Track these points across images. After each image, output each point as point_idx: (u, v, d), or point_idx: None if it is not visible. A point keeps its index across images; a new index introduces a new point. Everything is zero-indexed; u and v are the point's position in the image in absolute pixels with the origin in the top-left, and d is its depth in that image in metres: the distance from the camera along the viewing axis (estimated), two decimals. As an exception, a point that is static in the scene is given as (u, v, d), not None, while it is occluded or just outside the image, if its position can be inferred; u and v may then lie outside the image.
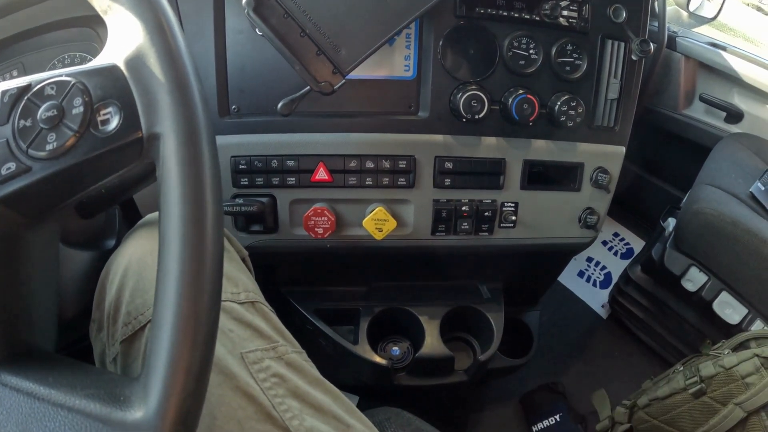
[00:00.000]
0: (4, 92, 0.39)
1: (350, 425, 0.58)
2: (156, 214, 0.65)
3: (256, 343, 0.56)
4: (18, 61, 0.84)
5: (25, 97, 0.38)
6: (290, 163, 0.79)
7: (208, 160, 0.36)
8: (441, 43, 0.80)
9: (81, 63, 0.85)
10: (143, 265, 0.57)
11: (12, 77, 0.84)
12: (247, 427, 0.52)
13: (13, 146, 0.38)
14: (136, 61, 0.38)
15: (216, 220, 0.36)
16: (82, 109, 0.38)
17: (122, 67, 0.39)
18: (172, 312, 0.34)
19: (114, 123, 0.38)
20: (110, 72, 0.39)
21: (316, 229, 0.80)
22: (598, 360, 1.39)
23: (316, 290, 0.93)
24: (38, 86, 0.39)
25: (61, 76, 0.39)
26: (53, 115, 0.38)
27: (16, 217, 0.39)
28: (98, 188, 0.42)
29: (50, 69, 0.84)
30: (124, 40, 0.39)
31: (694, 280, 1.18)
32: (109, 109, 0.38)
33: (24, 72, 0.84)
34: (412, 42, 0.81)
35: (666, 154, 1.51)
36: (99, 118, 0.38)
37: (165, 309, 0.34)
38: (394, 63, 0.82)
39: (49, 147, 0.37)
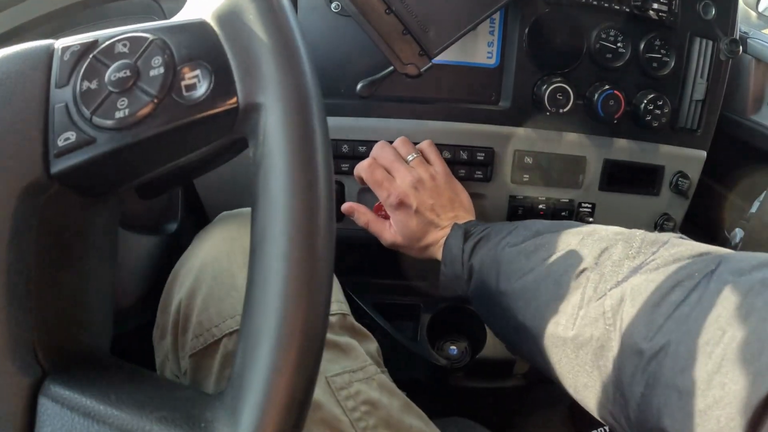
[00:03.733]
0: (65, 49, 0.32)
1: None
2: (232, 212, 0.61)
3: (342, 364, 0.51)
4: (73, 32, 0.82)
5: (90, 55, 0.32)
6: (362, 149, 0.76)
7: (322, 140, 0.30)
8: (527, 30, 0.75)
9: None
10: (218, 269, 0.51)
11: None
12: None
13: (74, 112, 0.31)
14: (230, 17, 0.32)
15: (329, 214, 0.30)
16: (162, 70, 0.31)
17: (212, 23, 0.33)
18: (276, 322, 0.28)
19: (202, 88, 0.31)
20: (197, 29, 0.33)
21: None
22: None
23: (376, 283, 0.90)
24: (107, 43, 0.32)
25: (136, 31, 0.32)
26: (125, 77, 0.31)
27: (73, 197, 0.33)
28: (173, 167, 0.36)
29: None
30: None
31: (760, 295, 1.12)
32: (197, 72, 0.32)
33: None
34: (497, 28, 0.77)
35: (731, 160, 1.45)
36: (183, 82, 0.32)
37: (264, 318, 0.28)
38: (477, 49, 0.77)
39: (119, 114, 0.31)
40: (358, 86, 0.69)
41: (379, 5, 0.64)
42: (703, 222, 1.60)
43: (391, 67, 0.67)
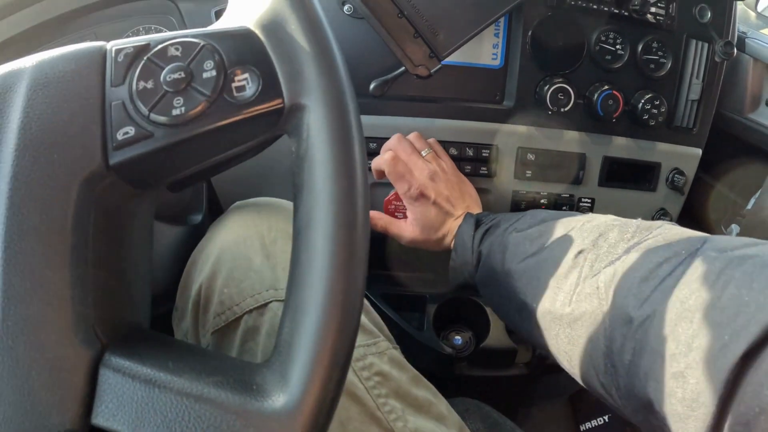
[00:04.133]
0: (119, 51, 0.35)
1: (450, 422, 0.57)
2: (245, 202, 0.65)
3: (358, 339, 0.55)
4: (91, 31, 0.84)
5: (145, 57, 0.35)
6: (372, 145, 0.79)
7: (358, 136, 0.34)
8: (530, 33, 0.79)
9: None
10: (236, 254, 0.55)
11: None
12: (350, 429, 0.50)
13: (131, 109, 0.34)
14: (274, 27, 0.35)
15: (365, 198, 0.33)
16: (214, 72, 0.35)
17: (257, 31, 0.36)
18: (322, 294, 0.31)
19: (251, 90, 0.35)
20: (244, 36, 0.36)
21: (396, 214, 0.80)
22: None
23: (383, 274, 0.93)
24: (159, 46, 0.35)
25: (186, 36, 0.36)
26: (180, 78, 0.34)
27: (124, 187, 0.36)
28: (218, 161, 0.39)
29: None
30: (253, 4, 0.37)
31: (754, 289, 1.15)
32: (246, 75, 0.35)
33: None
34: (501, 31, 0.81)
35: (728, 157, 1.48)
36: (234, 84, 0.35)
37: (311, 292, 0.31)
38: (482, 51, 0.81)
39: (175, 112, 0.34)
40: (371, 86, 0.72)
41: (392, 9, 0.67)
42: (700, 218, 1.64)
43: (403, 68, 0.71)
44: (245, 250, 0.55)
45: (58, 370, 0.31)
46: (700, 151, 0.90)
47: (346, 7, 0.78)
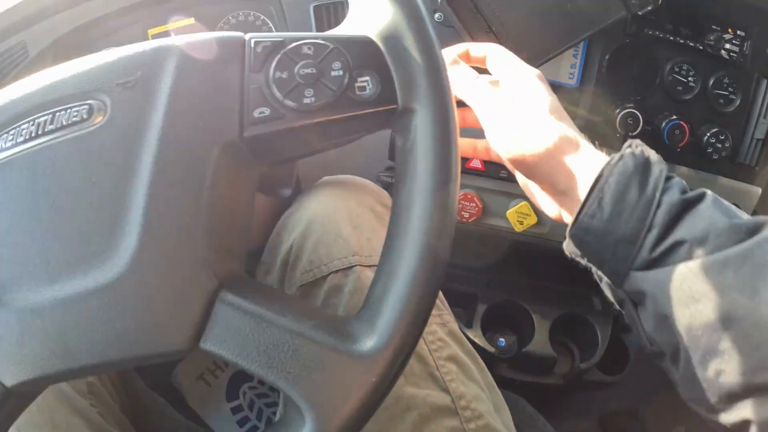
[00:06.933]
0: (257, 43, 0.41)
1: (493, 394, 0.63)
2: (332, 178, 0.71)
3: None
4: (192, 12, 0.89)
5: (281, 51, 0.41)
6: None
7: (455, 138, 0.39)
8: (607, 58, 0.83)
9: (255, 23, 0.90)
10: (327, 221, 0.61)
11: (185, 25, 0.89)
12: (411, 383, 0.56)
13: (267, 93, 0.40)
14: (393, 41, 0.41)
15: (457, 191, 0.39)
16: (341, 72, 0.40)
17: (377, 41, 0.41)
18: (414, 262, 0.36)
19: (371, 91, 0.40)
20: (366, 44, 0.42)
21: (463, 213, 0.85)
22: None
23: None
24: (294, 44, 0.41)
25: (317, 39, 0.42)
26: (311, 73, 0.40)
27: (250, 157, 0.42)
28: (328, 146, 0.45)
29: (223, 24, 0.89)
30: (376, 17, 0.42)
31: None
32: (367, 78, 0.40)
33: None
34: (580, 52, 0.85)
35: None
36: (356, 84, 0.40)
37: (405, 259, 0.37)
38: (561, 69, 0.86)
39: (306, 100, 0.39)
40: (454, 92, 0.78)
41: (481, 23, 0.73)
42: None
43: (485, 78, 0.76)
44: (335, 219, 0.62)
45: (180, 297, 0.37)
46: (759, 190, 0.92)
47: (436, 15, 0.83)
